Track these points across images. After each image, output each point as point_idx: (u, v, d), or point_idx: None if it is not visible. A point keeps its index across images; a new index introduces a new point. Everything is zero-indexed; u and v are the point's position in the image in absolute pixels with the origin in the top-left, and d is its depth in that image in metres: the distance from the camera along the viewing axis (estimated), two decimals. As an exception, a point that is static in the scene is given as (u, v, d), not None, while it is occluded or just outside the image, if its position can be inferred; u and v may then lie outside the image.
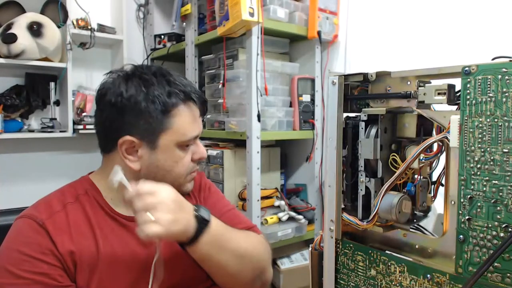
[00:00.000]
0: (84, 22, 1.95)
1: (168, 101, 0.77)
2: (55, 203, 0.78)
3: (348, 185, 0.67)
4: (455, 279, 0.54)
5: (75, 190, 0.82)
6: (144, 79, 0.78)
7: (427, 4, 1.45)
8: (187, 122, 0.79)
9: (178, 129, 0.78)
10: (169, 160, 0.79)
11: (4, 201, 1.46)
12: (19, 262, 0.70)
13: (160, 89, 0.77)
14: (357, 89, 0.68)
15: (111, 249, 0.77)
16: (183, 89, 0.79)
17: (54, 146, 2.08)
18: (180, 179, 0.82)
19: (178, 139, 0.79)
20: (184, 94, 0.79)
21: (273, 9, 1.59)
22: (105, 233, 0.78)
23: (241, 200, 1.66)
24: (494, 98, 0.49)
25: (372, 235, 0.66)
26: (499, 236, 0.49)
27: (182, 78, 0.83)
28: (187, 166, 0.82)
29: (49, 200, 0.79)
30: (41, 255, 0.71)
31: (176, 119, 0.78)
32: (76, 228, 0.76)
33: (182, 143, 0.79)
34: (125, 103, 0.76)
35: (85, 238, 0.76)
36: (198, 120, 0.82)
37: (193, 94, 0.80)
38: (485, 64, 0.50)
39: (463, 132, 0.51)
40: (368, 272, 0.64)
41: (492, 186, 0.49)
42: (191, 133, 0.80)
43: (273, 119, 1.63)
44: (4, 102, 1.80)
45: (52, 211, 0.76)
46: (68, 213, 0.77)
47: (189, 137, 0.80)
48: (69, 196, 0.80)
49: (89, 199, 0.81)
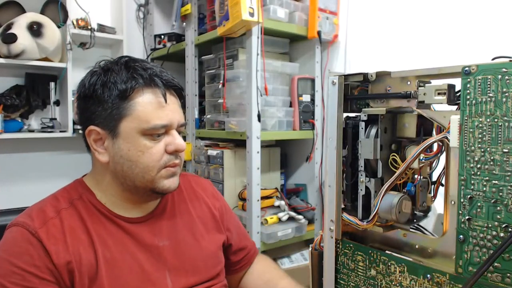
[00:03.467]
0: (84, 22, 1.95)
1: (125, 86, 0.74)
2: (48, 209, 0.75)
3: (348, 185, 0.67)
4: (455, 279, 0.54)
5: (69, 194, 0.79)
6: (106, 69, 0.77)
7: (427, 4, 1.45)
8: (150, 108, 0.74)
9: (139, 115, 0.74)
10: (133, 149, 0.75)
11: (4, 201, 1.46)
12: (9, 273, 0.68)
13: (119, 76, 0.75)
14: (357, 89, 0.68)
15: (110, 255, 0.75)
16: (142, 73, 0.75)
17: (54, 146, 2.08)
18: (150, 173, 0.76)
19: (141, 126, 0.74)
20: (143, 78, 0.75)
21: (273, 9, 1.59)
22: (103, 238, 0.76)
23: (241, 200, 1.66)
24: (494, 98, 0.49)
25: (372, 235, 0.66)
26: (499, 236, 0.49)
27: (148, 64, 0.79)
28: (156, 157, 0.76)
29: (42, 206, 0.76)
30: (33, 268, 0.68)
31: (136, 105, 0.74)
32: (72, 235, 0.73)
33: (146, 131, 0.74)
34: (86, 92, 0.76)
35: (82, 245, 0.73)
36: (166, 107, 0.76)
37: (156, 78, 0.76)
38: (485, 64, 0.50)
39: (463, 132, 0.51)
40: (368, 272, 0.64)
41: (492, 186, 0.49)
42: (155, 120, 0.74)
43: (273, 119, 1.63)
44: (4, 102, 1.80)
45: (45, 218, 0.73)
46: (63, 220, 0.74)
47: (153, 124, 0.74)
48: (63, 202, 0.77)
49: (84, 204, 0.78)
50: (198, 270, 0.84)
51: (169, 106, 0.76)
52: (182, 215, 0.88)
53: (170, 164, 0.77)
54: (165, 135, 0.77)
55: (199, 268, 0.84)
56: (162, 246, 0.81)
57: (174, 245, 0.83)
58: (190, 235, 0.86)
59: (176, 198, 0.90)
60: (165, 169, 0.77)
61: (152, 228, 0.82)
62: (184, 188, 0.93)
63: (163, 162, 0.76)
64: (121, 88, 0.74)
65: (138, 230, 0.80)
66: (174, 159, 0.78)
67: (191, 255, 0.84)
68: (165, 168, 0.77)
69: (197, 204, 0.92)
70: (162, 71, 0.79)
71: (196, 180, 0.99)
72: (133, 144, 0.75)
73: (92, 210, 0.78)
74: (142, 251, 0.79)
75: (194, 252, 0.84)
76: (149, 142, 0.75)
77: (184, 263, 0.82)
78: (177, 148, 0.77)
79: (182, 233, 0.85)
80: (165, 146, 0.76)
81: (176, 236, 0.84)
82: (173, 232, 0.84)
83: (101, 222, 0.78)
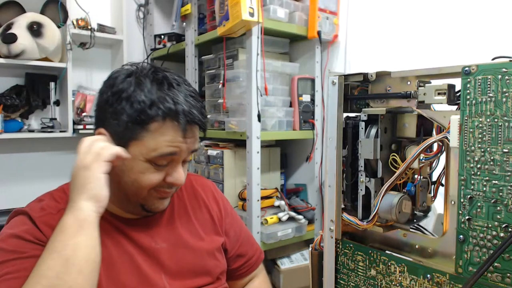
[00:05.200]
0: (84, 22, 1.95)
1: (147, 111, 0.70)
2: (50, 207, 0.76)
3: (348, 185, 0.67)
4: (455, 279, 0.54)
5: (65, 194, 0.78)
6: (138, 82, 0.73)
7: (427, 4, 1.45)
8: (162, 139, 0.72)
9: (149, 144, 0.71)
10: (135, 170, 0.73)
11: (4, 201, 1.46)
12: (18, 244, 0.69)
13: (148, 95, 0.71)
14: (357, 89, 0.68)
15: (107, 254, 0.74)
16: (169, 105, 0.71)
17: (54, 146, 2.08)
18: (143, 193, 0.75)
19: (148, 154, 0.72)
20: (170, 110, 0.71)
21: (273, 9, 1.59)
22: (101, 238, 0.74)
23: (241, 200, 1.66)
24: (494, 98, 0.49)
25: (372, 235, 0.66)
26: (499, 236, 0.49)
27: (186, 92, 0.74)
28: (154, 182, 0.74)
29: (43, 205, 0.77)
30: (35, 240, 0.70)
31: (149, 134, 0.71)
32: None
33: (152, 159, 0.72)
34: (109, 95, 0.73)
35: None
36: (181, 141, 0.73)
37: (181, 115, 0.71)
38: (485, 64, 0.50)
39: (463, 132, 0.51)
40: (368, 272, 0.64)
41: (492, 186, 0.49)
42: (164, 149, 0.72)
43: (273, 119, 1.63)
44: (4, 102, 1.80)
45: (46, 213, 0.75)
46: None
47: (159, 152, 0.72)
48: (61, 203, 0.77)
49: None
50: (195, 274, 0.83)
51: (184, 139, 0.74)
52: (181, 217, 0.87)
53: (161, 190, 0.77)
54: (170, 163, 0.75)
55: (196, 271, 0.83)
56: (159, 248, 0.80)
57: (171, 247, 0.82)
58: (188, 237, 0.85)
59: (175, 199, 0.89)
60: (156, 191, 0.76)
61: (150, 229, 0.81)
62: (185, 189, 0.92)
63: (156, 186, 0.75)
64: (141, 112, 0.70)
65: (135, 231, 0.80)
66: (167, 188, 0.77)
67: (188, 258, 0.83)
68: (156, 191, 0.76)
69: (197, 206, 0.91)
70: (192, 106, 0.74)
71: (198, 181, 0.97)
72: (137, 164, 0.73)
73: None
74: (139, 252, 0.78)
75: (192, 255, 0.83)
76: (153, 167, 0.74)
77: (181, 266, 0.81)
78: (175, 182, 0.76)
79: (180, 236, 0.84)
80: (165, 175, 0.75)
81: (174, 239, 0.83)
82: (171, 234, 0.83)
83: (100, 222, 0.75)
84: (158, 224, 0.83)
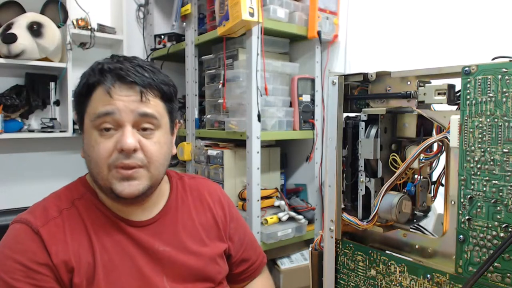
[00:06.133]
0: (84, 22, 1.95)
1: (88, 80, 0.74)
2: (52, 209, 0.76)
3: (348, 185, 0.67)
4: (455, 279, 0.54)
5: (71, 193, 0.79)
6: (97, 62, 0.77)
7: (427, 4, 1.45)
8: (98, 100, 0.72)
9: (90, 110, 0.73)
10: (88, 144, 0.73)
11: (4, 201, 1.46)
12: (13, 270, 0.68)
13: (86, 73, 0.76)
14: (357, 89, 0.68)
15: (108, 257, 0.74)
16: (100, 67, 0.74)
17: (54, 146, 2.08)
18: (101, 170, 0.72)
19: (91, 121, 0.72)
20: (100, 72, 0.73)
21: (273, 9, 1.59)
22: (102, 240, 0.75)
23: (241, 200, 1.66)
24: (494, 98, 0.49)
25: (372, 235, 0.66)
26: (499, 236, 0.49)
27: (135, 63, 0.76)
28: (103, 154, 0.71)
29: (46, 205, 0.77)
30: (35, 265, 0.69)
31: (91, 102, 0.74)
32: (72, 236, 0.73)
33: (95, 123, 0.71)
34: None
35: (82, 247, 0.73)
36: (112, 97, 0.71)
37: (108, 73, 0.72)
38: (485, 64, 0.50)
39: (463, 132, 0.51)
40: (368, 272, 0.64)
41: (492, 186, 0.49)
42: (100, 108, 0.71)
43: (273, 119, 1.63)
44: (4, 102, 1.80)
45: (48, 217, 0.74)
46: (64, 220, 0.75)
47: (97, 113, 0.71)
48: (65, 201, 0.77)
49: (85, 204, 0.78)
50: (196, 279, 0.82)
51: (121, 97, 0.72)
52: (185, 222, 0.86)
53: (118, 164, 0.71)
54: (118, 131, 0.72)
55: (198, 276, 0.83)
56: (162, 251, 0.79)
57: (174, 252, 0.81)
58: (190, 242, 0.84)
59: (179, 203, 0.88)
60: (115, 170, 0.72)
61: (154, 232, 0.81)
62: (190, 193, 0.91)
63: (112, 161, 0.71)
64: (83, 85, 0.75)
65: (139, 233, 0.79)
66: (124, 158, 0.71)
67: (190, 263, 0.82)
68: (116, 168, 0.72)
69: (201, 210, 0.90)
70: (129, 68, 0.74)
71: (204, 184, 0.96)
72: (88, 139, 0.74)
73: (93, 211, 0.77)
74: (142, 254, 0.78)
75: (194, 261, 0.83)
76: (99, 137, 0.72)
77: (183, 271, 0.81)
78: (122, 146, 0.70)
79: (183, 241, 0.83)
80: (115, 143, 0.71)
81: (177, 243, 0.82)
82: (174, 238, 0.83)
83: (101, 223, 0.77)
84: (163, 228, 0.82)
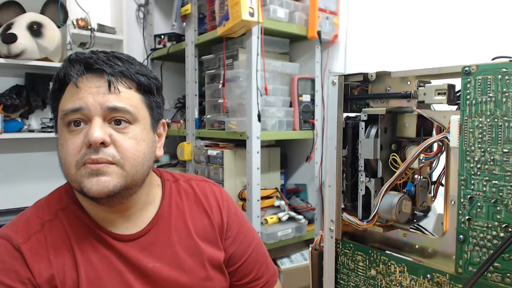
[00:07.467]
0: (84, 22, 1.95)
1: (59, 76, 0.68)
2: (33, 221, 0.70)
3: (348, 185, 0.67)
4: (455, 279, 0.54)
5: (54, 203, 0.73)
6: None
7: (427, 4, 1.45)
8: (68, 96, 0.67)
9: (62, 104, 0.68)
10: (59, 145, 0.69)
11: (4, 201, 1.46)
12: None
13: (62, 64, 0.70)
14: (357, 89, 0.67)
15: (95, 274, 0.69)
16: (71, 57, 0.68)
17: (54, 146, 2.05)
18: (70, 170, 0.66)
19: (60, 118, 0.68)
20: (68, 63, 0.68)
21: (273, 9, 1.59)
22: (87, 255, 0.69)
23: (241, 200, 1.66)
24: (494, 98, 0.49)
25: (372, 235, 0.66)
26: (499, 236, 0.49)
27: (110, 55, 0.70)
28: (72, 151, 0.66)
29: (28, 217, 0.71)
30: (19, 284, 0.65)
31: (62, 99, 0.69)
32: (55, 252, 0.68)
33: (64, 120, 0.67)
34: None
35: (66, 262, 0.68)
36: (82, 90, 0.66)
37: (75, 64, 0.67)
38: (485, 64, 0.50)
39: (463, 132, 0.51)
40: (368, 272, 0.64)
41: (492, 186, 0.49)
42: (67, 105, 0.66)
43: (273, 119, 1.63)
44: (4, 102, 1.80)
45: (29, 232, 0.69)
46: (47, 234, 0.69)
47: (64, 110, 0.66)
48: (48, 212, 0.72)
49: (68, 215, 0.71)
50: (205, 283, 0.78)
51: (90, 88, 0.66)
52: (179, 231, 0.79)
53: (86, 160, 0.65)
54: (87, 125, 0.67)
55: None
56: (151, 268, 0.73)
57: (166, 267, 0.75)
58: (184, 254, 0.78)
59: (173, 209, 0.81)
60: (83, 167, 0.65)
61: (143, 247, 0.74)
62: (186, 197, 0.84)
63: (80, 157, 0.65)
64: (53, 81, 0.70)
65: (127, 248, 0.73)
66: (92, 153, 0.65)
67: (182, 280, 0.76)
68: (84, 165, 0.65)
69: (198, 216, 0.83)
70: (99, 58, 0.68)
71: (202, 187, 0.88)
72: (59, 138, 0.69)
73: (76, 224, 0.71)
74: (131, 270, 0.72)
75: (186, 277, 0.77)
76: (68, 134, 0.67)
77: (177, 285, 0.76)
78: (88, 140, 0.64)
79: (177, 252, 0.77)
80: (84, 138, 0.66)
81: (170, 256, 0.76)
82: (167, 251, 0.76)
83: (86, 237, 0.71)
84: (153, 241, 0.76)
